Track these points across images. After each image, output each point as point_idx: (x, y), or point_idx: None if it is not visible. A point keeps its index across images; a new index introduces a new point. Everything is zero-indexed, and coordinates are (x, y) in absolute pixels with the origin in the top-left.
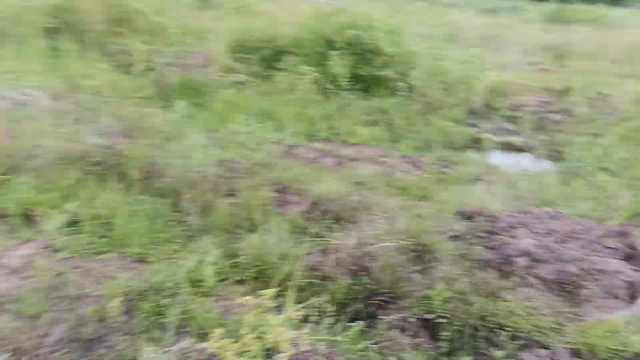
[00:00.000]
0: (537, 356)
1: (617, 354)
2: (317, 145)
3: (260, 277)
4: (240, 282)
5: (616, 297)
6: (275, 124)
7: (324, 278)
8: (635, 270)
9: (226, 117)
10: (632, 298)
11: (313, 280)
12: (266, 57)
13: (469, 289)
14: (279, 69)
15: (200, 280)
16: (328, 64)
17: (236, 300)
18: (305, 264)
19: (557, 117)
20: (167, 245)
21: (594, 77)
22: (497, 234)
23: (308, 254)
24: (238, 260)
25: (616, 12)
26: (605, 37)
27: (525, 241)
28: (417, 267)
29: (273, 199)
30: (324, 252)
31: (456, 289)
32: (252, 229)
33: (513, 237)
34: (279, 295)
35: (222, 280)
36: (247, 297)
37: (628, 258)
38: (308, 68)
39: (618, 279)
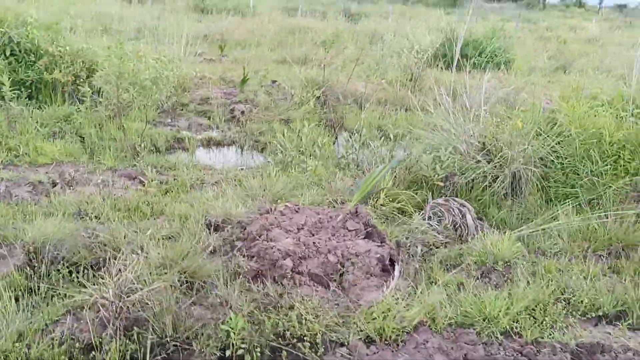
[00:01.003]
0: (338, 357)
1: (402, 330)
2: None
3: None
4: None
5: (373, 275)
6: None
7: (89, 348)
8: (378, 245)
9: None
10: (384, 272)
11: (74, 356)
12: None
13: (253, 307)
14: None
15: None
16: None
17: None
18: (57, 336)
19: (242, 107)
20: None
21: (258, 64)
22: (253, 239)
23: (54, 322)
24: None
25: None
26: (252, 24)
27: (285, 241)
28: (192, 300)
29: None
30: (77, 314)
31: (243, 313)
32: None
33: (270, 239)
34: None
35: None
36: None
37: (368, 236)
38: None
39: (370, 257)
